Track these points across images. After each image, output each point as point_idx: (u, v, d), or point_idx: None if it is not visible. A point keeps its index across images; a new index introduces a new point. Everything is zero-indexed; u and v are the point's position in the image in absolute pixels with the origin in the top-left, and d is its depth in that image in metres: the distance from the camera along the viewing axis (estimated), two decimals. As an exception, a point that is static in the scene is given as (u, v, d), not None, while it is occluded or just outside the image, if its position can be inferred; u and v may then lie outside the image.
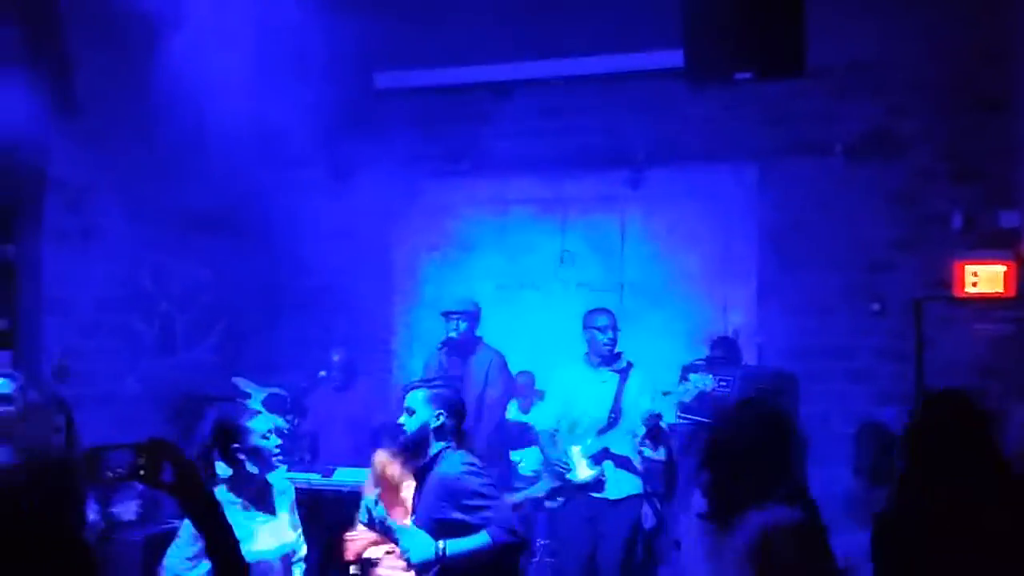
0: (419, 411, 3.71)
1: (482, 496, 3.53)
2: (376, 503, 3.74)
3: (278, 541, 3.69)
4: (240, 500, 3.63)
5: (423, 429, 3.69)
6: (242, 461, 3.64)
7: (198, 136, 6.82)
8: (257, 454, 3.65)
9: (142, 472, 2.18)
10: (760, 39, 4.68)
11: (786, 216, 7.19)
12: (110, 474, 2.25)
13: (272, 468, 3.76)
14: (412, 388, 3.82)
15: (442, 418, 3.69)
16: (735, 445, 3.07)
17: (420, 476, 3.75)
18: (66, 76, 5.71)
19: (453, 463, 3.63)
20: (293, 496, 3.91)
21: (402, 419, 3.75)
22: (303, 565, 3.85)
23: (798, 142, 7.10)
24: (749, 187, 7.29)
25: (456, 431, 3.75)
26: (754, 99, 6.97)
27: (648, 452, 5.35)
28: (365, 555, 4.19)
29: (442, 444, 3.69)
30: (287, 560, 3.74)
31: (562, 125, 7.70)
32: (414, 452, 3.73)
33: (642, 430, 5.20)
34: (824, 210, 7.09)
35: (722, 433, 3.20)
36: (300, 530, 3.90)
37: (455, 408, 3.76)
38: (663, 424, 5.18)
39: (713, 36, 4.80)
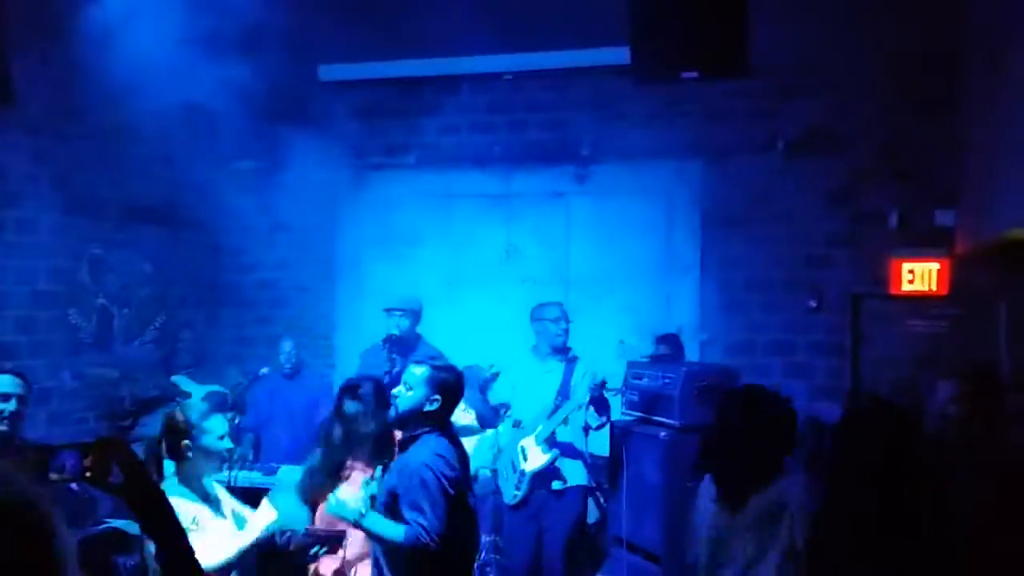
0: (416, 390, 3.72)
1: (428, 494, 3.55)
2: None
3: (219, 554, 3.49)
4: (193, 494, 3.54)
5: (416, 408, 3.71)
6: (190, 459, 3.55)
7: (137, 127, 6.70)
8: (207, 454, 3.58)
9: (88, 474, 2.10)
10: (705, 39, 4.73)
11: (728, 212, 7.28)
12: (55, 476, 2.17)
13: (219, 470, 3.71)
14: (416, 363, 3.83)
15: (436, 403, 3.71)
16: (741, 432, 3.16)
17: (400, 448, 3.82)
18: (1, 64, 5.55)
19: (427, 449, 3.66)
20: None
21: (398, 390, 3.78)
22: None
23: (741, 139, 7.19)
24: (692, 183, 7.37)
25: (445, 417, 3.78)
26: (698, 96, 7.04)
27: (593, 420, 5.38)
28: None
29: (426, 428, 3.71)
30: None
31: (508, 120, 7.72)
32: (401, 426, 3.80)
33: (586, 398, 5.26)
34: (765, 206, 7.19)
35: (725, 421, 3.28)
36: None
37: (451, 395, 3.78)
38: (607, 394, 5.25)
39: (659, 35, 4.83)
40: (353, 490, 4.08)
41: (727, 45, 4.67)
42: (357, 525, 3.66)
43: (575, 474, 5.44)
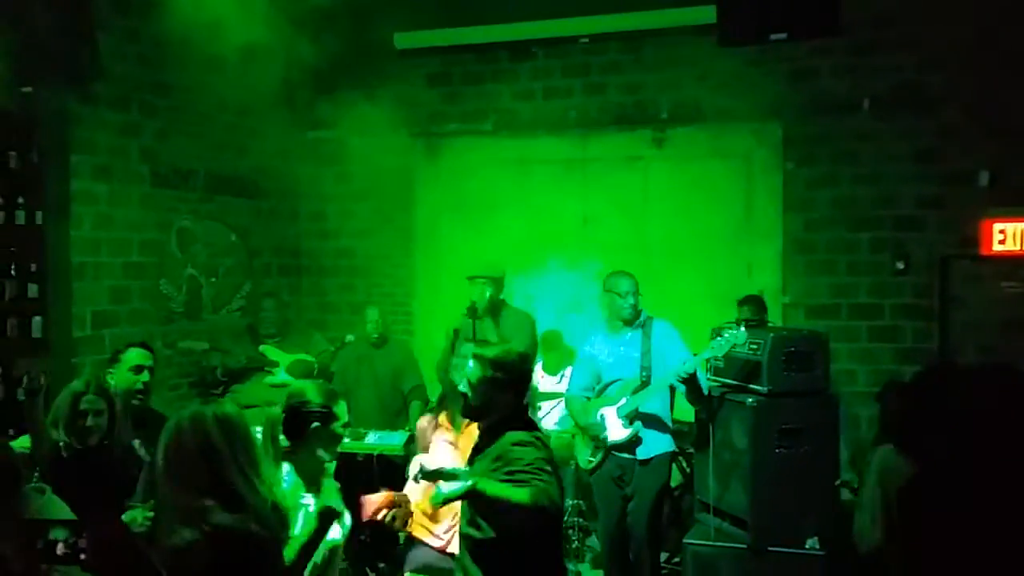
0: (476, 382, 3.61)
1: (535, 468, 3.40)
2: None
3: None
4: (301, 480, 3.44)
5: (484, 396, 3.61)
6: (314, 445, 3.45)
7: (220, 99, 6.82)
8: (332, 439, 3.49)
9: (83, 556, 2.04)
10: (795, -1, 4.62)
11: (811, 174, 7.16)
12: (57, 551, 2.11)
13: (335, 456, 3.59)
14: (472, 355, 3.71)
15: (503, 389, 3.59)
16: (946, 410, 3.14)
17: (484, 439, 3.69)
18: (90, 39, 5.68)
19: (516, 431, 3.55)
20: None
21: (463, 387, 3.69)
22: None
23: (824, 98, 7.04)
24: (774, 144, 7.26)
25: (519, 402, 3.64)
26: (779, 56, 6.90)
27: (695, 410, 5.34)
28: (380, 516, 4.10)
29: (505, 414, 3.60)
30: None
31: (585, 84, 7.65)
32: (479, 417, 3.69)
33: (680, 386, 5.20)
34: (849, 167, 7.06)
35: (933, 399, 3.22)
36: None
37: (518, 377, 3.64)
38: (700, 380, 5.17)
39: (748, -4, 4.73)
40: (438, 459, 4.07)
41: (818, 3, 4.55)
42: (474, 494, 3.43)
43: (660, 443, 5.41)
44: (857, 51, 6.86)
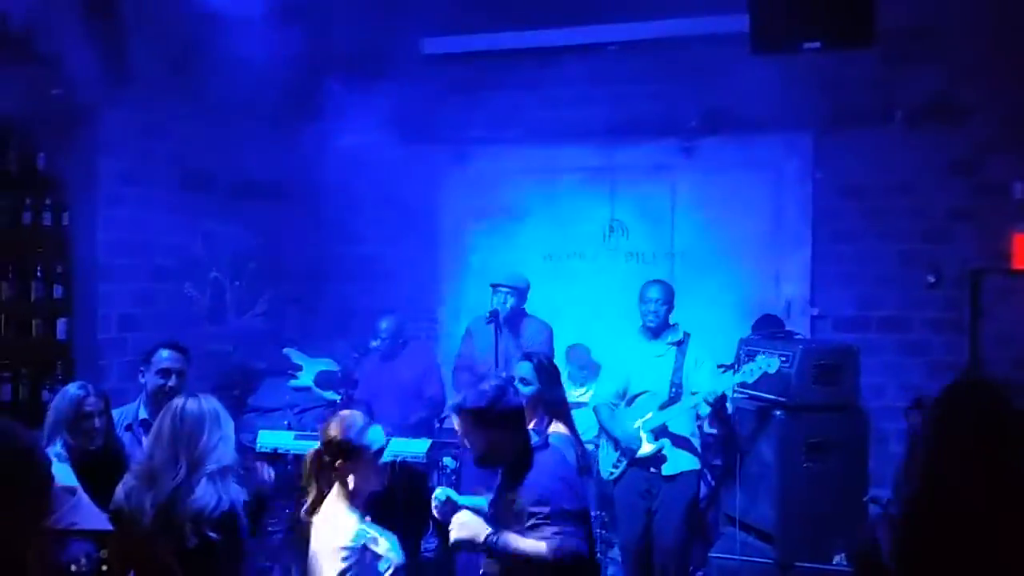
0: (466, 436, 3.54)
1: (562, 511, 3.27)
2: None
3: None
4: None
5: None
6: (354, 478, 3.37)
7: (247, 104, 6.81)
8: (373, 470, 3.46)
9: (104, 568, 2.02)
10: (829, 7, 4.55)
11: (841, 185, 7.09)
12: (72, 567, 2.10)
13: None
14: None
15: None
16: None
17: (506, 478, 3.56)
18: (119, 43, 5.70)
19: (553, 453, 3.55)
20: None
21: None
22: None
23: (855, 109, 6.97)
24: (804, 155, 7.19)
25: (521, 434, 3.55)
26: (811, 66, 6.78)
27: (708, 429, 5.27)
28: None
29: (518, 448, 3.49)
30: None
31: (613, 92, 7.58)
32: (492, 465, 3.61)
33: (704, 408, 5.11)
34: (881, 178, 6.99)
35: None
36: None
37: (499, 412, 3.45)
38: (728, 404, 5.09)
39: (781, 4, 4.67)
40: None
41: (851, 13, 4.48)
42: (489, 547, 3.35)
43: (686, 461, 5.32)
44: (890, 61, 6.77)
